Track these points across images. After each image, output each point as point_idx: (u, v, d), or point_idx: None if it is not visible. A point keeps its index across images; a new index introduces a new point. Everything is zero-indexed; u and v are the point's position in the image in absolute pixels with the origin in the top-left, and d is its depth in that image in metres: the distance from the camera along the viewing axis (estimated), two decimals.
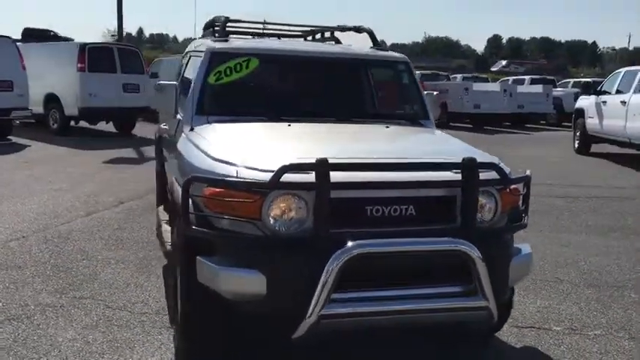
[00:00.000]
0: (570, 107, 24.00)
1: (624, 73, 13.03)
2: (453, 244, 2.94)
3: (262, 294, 2.89)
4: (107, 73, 14.71)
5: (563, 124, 24.91)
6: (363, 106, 4.49)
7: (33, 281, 4.80)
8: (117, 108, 14.86)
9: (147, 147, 13.48)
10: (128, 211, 7.23)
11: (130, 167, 10.72)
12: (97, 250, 5.68)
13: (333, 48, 4.74)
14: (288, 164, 2.89)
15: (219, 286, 2.97)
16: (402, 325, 3.08)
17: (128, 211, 7.23)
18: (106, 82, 14.59)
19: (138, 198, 8.02)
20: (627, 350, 3.90)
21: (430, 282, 3.04)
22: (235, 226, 3.02)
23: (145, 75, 15.64)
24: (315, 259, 2.84)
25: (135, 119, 16.28)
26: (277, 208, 2.95)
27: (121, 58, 15.01)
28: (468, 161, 3.07)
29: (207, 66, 4.14)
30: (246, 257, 2.94)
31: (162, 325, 4.06)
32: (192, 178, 3.05)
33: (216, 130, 3.76)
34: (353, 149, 3.41)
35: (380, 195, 3.03)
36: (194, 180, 3.05)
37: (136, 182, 9.10)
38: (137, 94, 15.19)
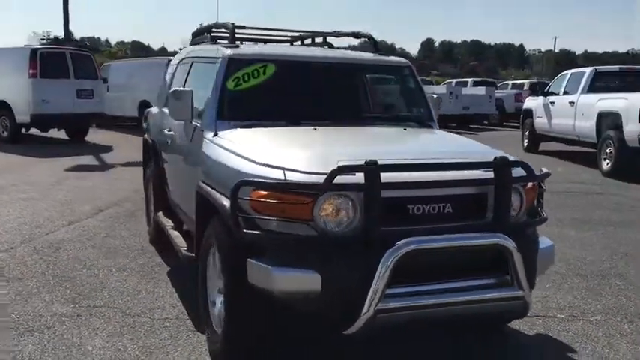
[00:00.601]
0: (511, 108, 25.06)
1: (570, 74, 13.73)
2: (495, 238, 3.14)
3: (317, 292, 3.00)
4: (60, 79, 14.31)
5: (505, 124, 25.93)
6: (377, 110, 4.66)
7: (39, 292, 4.73)
8: (70, 114, 14.46)
9: (105, 154, 13.27)
10: (111, 219, 7.14)
11: (95, 175, 10.50)
12: (93, 258, 5.61)
13: (345, 53, 4.87)
14: (341, 166, 3.01)
15: (274, 286, 3.05)
16: (447, 318, 3.25)
17: (111, 219, 7.14)
18: (59, 88, 14.20)
19: (115, 205, 7.92)
20: (629, 333, 4.21)
21: (469, 275, 3.22)
22: (285, 228, 3.11)
23: (99, 80, 15.31)
24: (369, 256, 2.98)
25: (88, 126, 15.91)
26: (328, 209, 3.07)
27: (74, 63, 14.63)
28: (500, 160, 3.28)
29: (225, 72, 4.20)
30: (299, 257, 3.04)
31: (187, 329, 4.10)
32: (243, 182, 3.13)
33: (245, 134, 3.84)
34: (387, 151, 3.56)
35: (422, 194, 3.19)
36: (244, 184, 3.13)
37: (107, 190, 8.96)
38: (91, 100, 14.88)
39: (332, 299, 3.03)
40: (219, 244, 3.44)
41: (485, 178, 3.29)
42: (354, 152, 3.39)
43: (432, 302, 3.08)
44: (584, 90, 12.63)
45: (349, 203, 3.09)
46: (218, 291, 3.76)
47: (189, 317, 4.28)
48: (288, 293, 3.07)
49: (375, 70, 4.82)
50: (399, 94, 4.68)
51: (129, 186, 9.22)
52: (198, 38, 5.93)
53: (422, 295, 3.08)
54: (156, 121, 5.73)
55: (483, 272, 3.26)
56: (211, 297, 3.82)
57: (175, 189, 5.01)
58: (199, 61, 4.93)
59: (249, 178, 3.18)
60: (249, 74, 4.20)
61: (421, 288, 3.09)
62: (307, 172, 3.13)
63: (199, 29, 5.90)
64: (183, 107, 4.18)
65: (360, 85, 4.77)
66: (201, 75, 4.75)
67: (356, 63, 4.72)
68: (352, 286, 3.00)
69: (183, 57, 5.50)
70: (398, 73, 4.72)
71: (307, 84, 4.41)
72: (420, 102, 4.66)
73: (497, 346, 4.08)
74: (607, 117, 11.40)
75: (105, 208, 7.72)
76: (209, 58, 4.62)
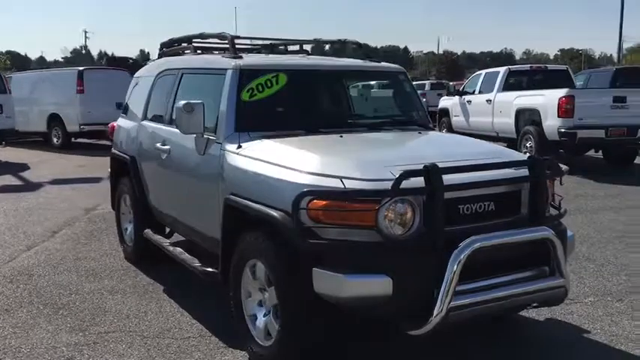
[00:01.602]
0: None
1: (485, 74, 14.54)
2: (544, 232, 3.36)
3: (388, 295, 3.07)
4: None
5: None
6: (386, 115, 4.77)
7: (36, 322, 4.44)
8: None
9: (24, 172, 12.48)
10: (71, 241, 6.77)
11: (27, 195, 9.80)
12: (75, 283, 5.33)
13: (349, 61, 4.94)
14: (406, 171, 3.11)
15: (347, 293, 3.09)
16: (506, 309, 3.43)
17: (71, 241, 6.77)
18: None
19: (68, 226, 7.52)
20: (623, 310, 4.59)
21: (516, 268, 3.42)
22: (347, 235, 3.16)
23: (8, 94, 14.36)
24: (437, 256, 3.10)
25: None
26: (391, 214, 3.15)
27: None
28: (535, 159, 3.51)
29: (239, 83, 4.15)
30: (369, 263, 3.10)
31: (217, 346, 4.02)
32: (306, 193, 3.14)
33: (275, 145, 3.82)
34: (423, 155, 3.64)
35: (470, 194, 3.34)
36: (307, 195, 3.14)
37: (49, 210, 8.46)
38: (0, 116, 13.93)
39: (403, 301, 3.12)
40: (270, 256, 3.41)
41: (523, 176, 3.51)
42: (397, 158, 3.52)
43: (497, 296, 3.24)
44: (499, 89, 13.42)
45: (410, 207, 3.18)
46: (258, 304, 3.74)
47: (212, 334, 4.19)
48: (359, 299, 3.12)
49: (377, 77, 4.95)
50: (400, 99, 4.82)
51: (71, 205, 8.78)
52: (172, 49, 5.80)
53: (485, 290, 3.23)
54: (136, 136, 5.51)
55: (526, 265, 3.47)
56: (250, 311, 3.78)
57: (174, 204, 4.86)
58: (193, 73, 4.83)
59: (307, 189, 3.19)
60: (263, 84, 4.18)
61: (483, 284, 3.25)
62: (366, 179, 3.20)
63: (174, 39, 5.76)
64: (195, 120, 4.08)
65: (369, 91, 4.88)
66: (200, 87, 4.66)
67: (361, 70, 4.82)
68: (423, 287, 3.11)
69: (164, 69, 5.34)
70: (396, 79, 4.86)
71: (318, 92, 4.46)
72: (418, 106, 4.83)
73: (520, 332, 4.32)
74: (525, 113, 12.19)
75: (57, 230, 7.30)
76: (211, 69, 4.54)
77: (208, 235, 4.28)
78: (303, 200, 3.15)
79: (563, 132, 10.92)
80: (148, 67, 6.00)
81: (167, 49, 5.88)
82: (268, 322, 3.60)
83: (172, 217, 4.95)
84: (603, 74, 15.14)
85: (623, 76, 14.34)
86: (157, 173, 5.08)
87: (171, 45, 5.85)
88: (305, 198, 3.15)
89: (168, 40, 5.86)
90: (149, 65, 5.99)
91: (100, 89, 16.57)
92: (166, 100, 5.05)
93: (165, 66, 5.39)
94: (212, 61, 4.63)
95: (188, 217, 4.60)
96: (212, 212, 4.13)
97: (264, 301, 3.69)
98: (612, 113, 11.06)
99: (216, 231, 4.11)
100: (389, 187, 3.10)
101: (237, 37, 4.71)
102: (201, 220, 4.35)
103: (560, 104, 10.95)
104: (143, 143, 5.38)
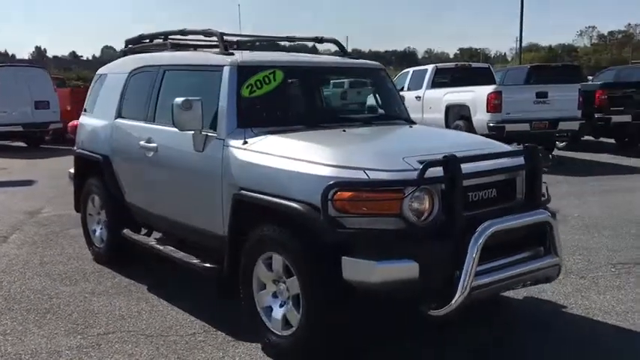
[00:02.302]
0: None
1: (412, 72, 15.06)
2: (544, 215, 3.67)
3: (415, 279, 3.26)
4: None
5: None
6: (375, 110, 4.93)
7: (26, 328, 4.29)
8: None
9: None
10: (28, 245, 6.51)
11: None
12: (50, 287, 5.15)
13: (337, 59, 5.05)
14: (430, 161, 3.31)
15: (376, 279, 3.24)
16: (515, 286, 3.71)
17: (28, 245, 6.51)
18: None
19: (18, 230, 7.20)
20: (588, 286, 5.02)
21: (521, 248, 3.70)
22: (372, 224, 3.32)
23: None
24: (456, 240, 3.33)
25: None
26: (414, 202, 3.33)
27: None
28: (532, 148, 3.81)
29: (237, 80, 4.19)
30: (396, 249, 3.27)
31: (227, 340, 4.04)
32: (335, 184, 3.26)
33: (283, 140, 3.90)
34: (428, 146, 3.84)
35: (479, 182, 3.59)
36: (336, 186, 3.27)
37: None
38: None
39: (428, 284, 3.31)
40: (292, 248, 3.51)
41: (521, 164, 3.80)
42: (408, 149, 3.72)
43: (509, 274, 3.51)
44: (428, 85, 13.97)
45: (430, 195, 3.38)
46: (273, 296, 3.82)
47: (216, 329, 4.21)
48: (388, 283, 3.28)
49: (363, 74, 5.12)
50: (384, 95, 5.00)
51: (9, 209, 8.40)
52: (140, 46, 5.72)
53: (499, 269, 3.49)
54: (109, 134, 5.38)
55: (525, 245, 3.76)
56: (264, 303, 3.85)
57: (164, 202, 4.80)
58: (180, 69, 4.81)
59: (333, 181, 3.31)
60: (261, 81, 4.25)
61: (496, 264, 3.50)
62: (388, 169, 3.37)
63: (144, 36, 5.68)
64: (193, 117, 4.09)
65: (359, 88, 5.04)
66: (189, 84, 4.64)
67: (350, 67, 4.97)
68: (445, 269, 3.32)
69: (139, 66, 5.25)
70: (379, 75, 5.05)
71: (313, 88, 4.56)
72: (399, 101, 5.05)
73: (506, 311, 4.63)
74: (455, 108, 12.78)
75: (7, 235, 6.98)
76: (202, 65, 4.54)
77: (208, 231, 4.29)
78: (331, 192, 3.27)
79: (492, 126, 11.56)
80: (115, 64, 5.85)
81: (134, 45, 5.79)
82: (287, 312, 3.69)
83: (160, 216, 4.89)
84: (518, 71, 16.07)
85: (536, 73, 15.29)
86: (140, 171, 4.99)
87: (139, 41, 5.76)
88: (333, 189, 3.27)
89: (137, 37, 5.77)
90: (117, 62, 5.84)
91: (14, 88, 15.80)
92: (147, 98, 4.98)
93: (140, 63, 5.31)
94: (203, 58, 4.62)
95: (182, 214, 4.58)
96: (214, 208, 4.15)
97: (279, 292, 3.77)
98: (535, 108, 11.83)
99: (218, 227, 4.15)
100: (413, 177, 3.29)
101: (224, 33, 4.73)
102: (200, 217, 4.35)
103: (489, 100, 11.59)
104: (119, 141, 5.27)
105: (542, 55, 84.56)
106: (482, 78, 13.66)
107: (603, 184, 10.00)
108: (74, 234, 6.91)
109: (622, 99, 13.70)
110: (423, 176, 3.27)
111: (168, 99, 4.80)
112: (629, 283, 5.10)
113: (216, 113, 4.22)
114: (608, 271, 5.39)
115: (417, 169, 3.35)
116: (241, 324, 4.12)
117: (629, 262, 5.63)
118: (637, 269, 5.45)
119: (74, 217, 7.70)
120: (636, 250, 6.03)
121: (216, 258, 4.28)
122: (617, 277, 5.24)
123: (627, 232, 6.71)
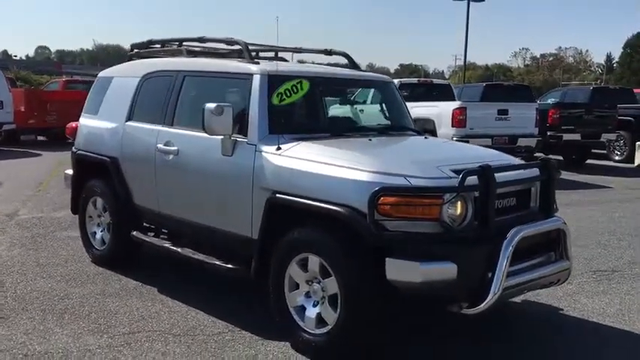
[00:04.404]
0: None
1: None
2: (560, 222, 4.01)
3: (453, 279, 3.50)
4: None
5: None
6: (390, 121, 5.18)
7: (47, 328, 4.29)
8: None
9: None
10: (18, 247, 6.40)
11: None
12: (58, 288, 5.13)
13: (357, 72, 5.24)
14: (468, 170, 3.57)
15: (419, 279, 3.47)
16: (531, 289, 4.01)
17: (18, 247, 6.40)
18: None
19: (0, 232, 7.05)
20: (576, 291, 5.40)
21: (538, 253, 4.02)
22: (413, 227, 3.55)
23: None
24: (490, 244, 3.61)
25: None
26: (452, 208, 3.59)
27: None
28: (547, 161, 4.15)
29: (268, 88, 4.36)
30: (436, 251, 3.52)
31: (253, 339, 4.16)
32: (383, 189, 3.48)
33: (319, 147, 4.08)
34: (452, 156, 4.15)
35: (504, 191, 3.88)
36: (383, 191, 3.49)
37: None
38: None
39: (464, 284, 3.56)
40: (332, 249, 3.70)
41: (537, 175, 4.12)
42: (438, 158, 4.00)
43: (532, 277, 3.82)
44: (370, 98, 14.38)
45: (464, 201, 3.64)
46: (305, 295, 3.99)
47: (241, 329, 4.32)
48: (430, 283, 3.51)
49: (378, 86, 5.35)
50: (395, 106, 5.27)
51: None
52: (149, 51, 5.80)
53: (524, 272, 3.78)
54: (119, 136, 5.40)
55: (541, 250, 4.08)
56: (296, 303, 4.01)
57: (185, 205, 4.86)
58: (202, 76, 4.92)
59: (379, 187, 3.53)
60: (290, 90, 4.42)
61: (522, 266, 3.79)
62: (427, 177, 3.62)
63: (153, 41, 5.76)
64: (224, 122, 4.22)
65: (376, 99, 5.28)
66: (214, 90, 4.75)
67: (367, 80, 5.22)
68: (479, 271, 3.58)
69: (154, 70, 5.32)
70: (389, 88, 5.31)
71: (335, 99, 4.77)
72: (407, 113, 5.32)
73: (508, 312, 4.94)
74: (419, 122, 13.14)
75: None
76: (230, 73, 4.67)
77: (234, 233, 4.41)
78: (378, 197, 3.48)
79: (456, 140, 12.04)
80: (123, 67, 5.88)
81: (142, 50, 5.85)
82: (322, 311, 3.86)
83: (177, 218, 4.95)
84: (474, 89, 16.72)
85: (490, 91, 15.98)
86: (155, 174, 5.04)
87: (147, 46, 5.82)
88: (379, 194, 3.49)
89: (146, 42, 5.83)
90: (125, 66, 5.87)
91: None
92: (164, 102, 5.06)
93: (153, 67, 5.37)
94: (231, 66, 4.74)
95: (205, 216, 4.65)
96: (242, 210, 4.28)
97: (312, 292, 3.94)
98: (497, 124, 12.40)
99: (245, 228, 4.29)
100: (452, 185, 3.55)
101: (249, 43, 4.87)
102: (226, 219, 4.46)
103: (454, 115, 12.08)
104: (130, 144, 5.31)
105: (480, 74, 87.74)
106: (443, 94, 14.19)
107: (562, 199, 10.50)
108: (62, 236, 6.86)
109: (572, 118, 14.50)
110: (463, 184, 3.53)
111: (189, 104, 4.95)
112: (611, 288, 5.52)
113: (244, 119, 4.36)
114: (590, 278, 5.80)
115: (452, 177, 3.62)
116: (264, 323, 4.27)
117: (607, 270, 6.07)
118: (615, 276, 5.90)
119: (55, 219, 7.69)
120: (609, 258, 6.50)
121: (237, 259, 4.42)
122: (599, 283, 5.66)
123: (597, 243, 7.18)
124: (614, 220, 8.54)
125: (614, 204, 9.81)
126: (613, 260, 6.43)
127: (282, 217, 4.03)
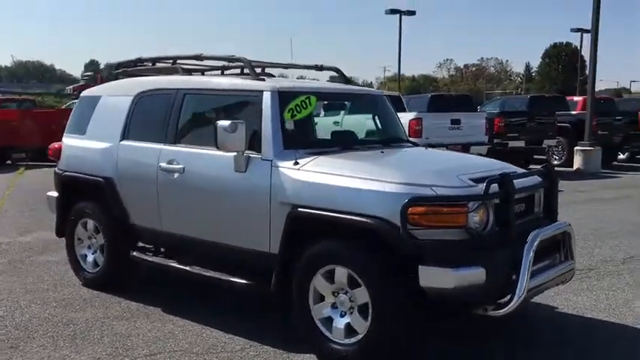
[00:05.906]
0: None
1: None
2: (566, 226, 4.27)
3: (482, 283, 3.67)
4: None
5: None
6: (388, 133, 5.33)
7: (65, 355, 4.18)
8: None
9: None
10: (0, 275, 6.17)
11: None
12: (57, 314, 4.98)
13: (357, 88, 5.40)
14: (491, 179, 3.77)
15: (451, 284, 3.61)
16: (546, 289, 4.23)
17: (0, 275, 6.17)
18: None
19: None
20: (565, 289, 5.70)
21: (548, 255, 4.25)
22: (440, 235, 3.71)
23: None
24: (512, 247, 3.81)
25: None
26: (476, 215, 3.77)
27: None
28: (550, 169, 4.41)
29: (280, 104, 4.43)
30: (466, 257, 3.68)
31: (276, 353, 4.20)
32: (412, 199, 3.62)
33: (336, 160, 4.18)
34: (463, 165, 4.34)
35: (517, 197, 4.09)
36: (412, 201, 3.63)
37: None
38: None
39: (492, 287, 3.74)
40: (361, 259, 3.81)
41: (541, 182, 4.37)
42: (454, 168, 4.20)
43: (548, 277, 4.04)
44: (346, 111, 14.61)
45: (486, 208, 3.83)
46: (332, 307, 4.07)
47: (261, 344, 4.34)
48: (461, 289, 3.66)
49: (375, 101, 5.49)
50: (389, 120, 5.44)
51: None
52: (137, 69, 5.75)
53: (542, 272, 4.01)
54: (114, 156, 5.31)
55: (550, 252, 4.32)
56: (322, 315, 4.07)
57: (193, 222, 4.83)
58: (206, 94, 4.93)
59: (407, 197, 3.66)
60: (300, 105, 4.50)
61: (539, 267, 4.01)
62: (451, 186, 3.79)
63: (143, 59, 5.71)
64: (237, 139, 4.26)
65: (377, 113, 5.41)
66: (220, 107, 4.78)
67: (366, 94, 5.37)
68: (505, 273, 3.77)
69: (149, 89, 5.27)
70: (384, 102, 5.48)
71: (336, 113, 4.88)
72: (401, 125, 5.51)
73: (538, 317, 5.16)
74: None
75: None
76: (237, 90, 4.71)
77: (249, 249, 4.43)
78: (408, 207, 3.62)
79: None
80: (112, 85, 5.77)
81: (130, 68, 5.79)
82: (352, 321, 3.94)
83: (182, 236, 4.91)
84: (420, 100, 17.21)
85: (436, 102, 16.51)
86: (156, 192, 4.98)
87: (135, 65, 5.77)
88: (410, 205, 3.62)
89: (134, 59, 5.77)
90: (114, 84, 5.77)
91: None
92: (164, 120, 5.02)
93: (148, 86, 5.31)
94: (239, 83, 4.77)
95: (216, 233, 4.64)
96: (259, 226, 4.32)
97: (339, 302, 4.02)
98: (450, 133, 12.87)
99: (264, 244, 4.33)
100: (477, 193, 3.73)
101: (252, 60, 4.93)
102: (241, 235, 4.46)
103: (411, 125, 12.43)
104: (127, 163, 5.23)
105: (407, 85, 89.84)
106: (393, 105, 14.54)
107: None
108: (41, 261, 6.65)
109: (516, 126, 15.19)
110: (488, 191, 3.71)
111: (193, 122, 4.95)
112: (593, 285, 5.86)
113: (255, 135, 4.41)
114: None
115: (473, 185, 3.81)
116: (280, 337, 4.35)
117: (583, 269, 6.41)
118: (593, 274, 6.26)
119: (25, 243, 7.48)
120: (582, 258, 6.84)
121: (249, 274, 4.45)
122: (581, 281, 5.98)
123: None
124: (575, 223, 8.95)
125: (571, 206, 10.34)
126: (586, 259, 6.80)
127: (305, 230, 4.10)
